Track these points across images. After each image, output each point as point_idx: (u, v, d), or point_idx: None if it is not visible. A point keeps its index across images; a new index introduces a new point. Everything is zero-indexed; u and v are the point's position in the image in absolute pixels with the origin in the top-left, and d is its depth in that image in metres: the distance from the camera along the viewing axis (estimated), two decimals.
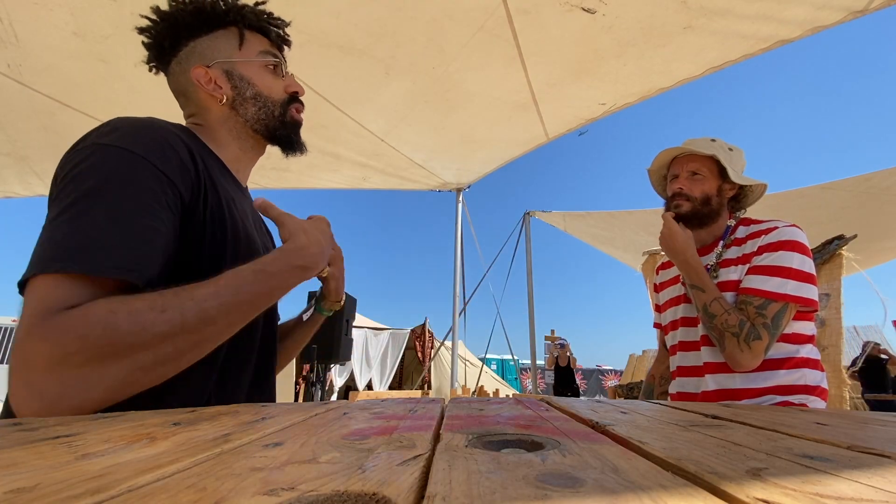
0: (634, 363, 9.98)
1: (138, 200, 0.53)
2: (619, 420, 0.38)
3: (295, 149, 0.81)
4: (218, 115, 0.75)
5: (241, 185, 0.79)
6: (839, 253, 2.81)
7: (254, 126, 0.76)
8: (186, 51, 0.73)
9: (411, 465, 0.21)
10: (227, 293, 0.54)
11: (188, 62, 0.73)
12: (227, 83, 0.74)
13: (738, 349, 1.02)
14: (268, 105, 0.76)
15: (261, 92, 0.76)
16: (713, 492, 0.18)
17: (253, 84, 0.75)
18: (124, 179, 0.53)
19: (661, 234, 1.19)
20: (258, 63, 0.76)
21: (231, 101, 0.74)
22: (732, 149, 1.20)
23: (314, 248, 0.65)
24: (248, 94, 0.75)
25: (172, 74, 0.75)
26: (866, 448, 0.27)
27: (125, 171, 0.54)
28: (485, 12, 2.08)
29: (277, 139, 0.79)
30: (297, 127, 0.80)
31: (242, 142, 0.77)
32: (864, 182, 3.64)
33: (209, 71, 0.73)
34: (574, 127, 3.16)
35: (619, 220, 4.92)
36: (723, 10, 2.01)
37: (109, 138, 0.56)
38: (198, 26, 0.73)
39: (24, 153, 3.05)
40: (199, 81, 0.72)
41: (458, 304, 4.66)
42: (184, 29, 0.73)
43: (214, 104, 0.74)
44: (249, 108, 0.75)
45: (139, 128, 0.59)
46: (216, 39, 0.74)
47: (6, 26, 2.00)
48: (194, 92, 0.74)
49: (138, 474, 0.20)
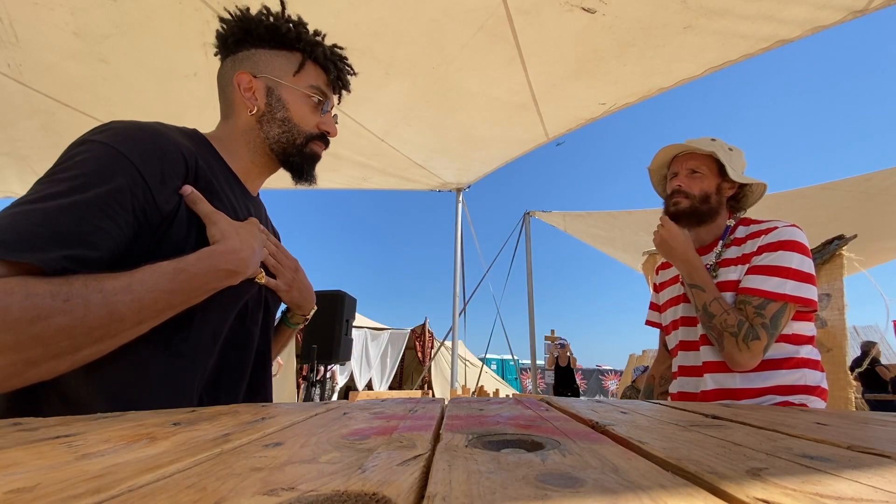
0: (634, 363, 9.97)
1: (99, 198, 0.51)
2: (619, 420, 0.38)
3: (304, 178, 0.81)
4: (242, 124, 0.75)
5: (250, 194, 0.79)
6: (839, 253, 2.81)
7: (272, 146, 0.77)
8: (245, 54, 0.75)
9: (411, 465, 0.21)
10: (141, 289, 0.51)
11: (240, 64, 0.74)
12: (264, 98, 0.74)
13: (737, 349, 1.02)
14: (293, 132, 0.76)
15: (291, 118, 0.76)
16: (713, 492, 0.18)
17: (287, 108, 0.76)
18: (95, 175, 0.52)
19: (658, 234, 1.18)
20: (302, 93, 0.76)
21: (260, 115, 0.75)
22: (732, 149, 1.20)
23: (245, 251, 0.62)
24: (279, 116, 0.75)
25: (223, 67, 0.77)
26: (866, 448, 0.27)
27: (100, 167, 0.53)
28: (485, 12, 2.08)
29: (289, 165, 0.79)
30: (313, 160, 0.81)
31: (256, 156, 0.77)
32: (864, 182, 3.64)
33: (253, 81, 0.74)
34: (574, 127, 3.16)
35: (619, 220, 4.92)
36: (723, 10, 2.01)
37: (101, 136, 0.56)
38: (266, 39, 0.75)
39: (24, 153, 3.04)
40: (239, 86, 0.73)
41: (458, 304, 4.66)
42: (253, 35, 0.74)
43: (243, 111, 0.75)
44: (274, 129, 0.76)
45: (135, 129, 0.59)
46: (276, 57, 0.75)
47: (6, 26, 2.00)
48: (231, 92, 0.75)
49: (138, 474, 0.20)
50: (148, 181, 0.56)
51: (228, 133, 0.76)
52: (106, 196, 0.52)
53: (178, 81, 2.41)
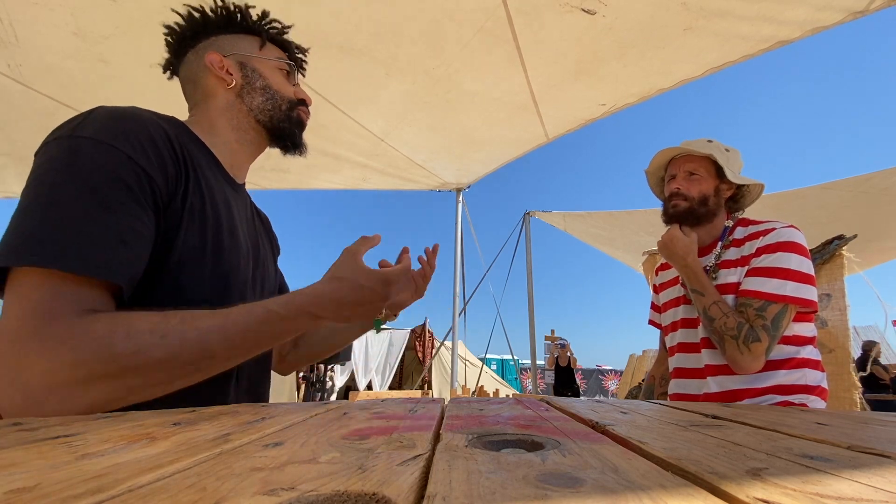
0: (634, 363, 9.97)
1: (120, 199, 0.52)
2: (619, 420, 0.38)
3: (296, 147, 0.81)
4: (223, 102, 0.75)
5: (236, 183, 0.77)
6: (839, 253, 2.81)
7: (258, 116, 0.76)
8: (206, 43, 0.76)
9: (411, 465, 0.21)
10: (234, 330, 0.53)
11: (205, 50, 0.75)
12: (239, 72, 0.75)
13: (738, 351, 1.02)
14: (276, 98, 0.77)
15: (270, 85, 0.77)
16: (713, 492, 0.18)
17: (264, 77, 0.77)
18: (105, 176, 0.52)
19: (662, 239, 1.19)
20: (273, 63, 0.78)
21: (239, 88, 0.75)
22: (729, 150, 1.20)
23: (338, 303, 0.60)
24: (258, 85, 0.76)
25: (186, 63, 0.77)
26: (866, 448, 0.27)
27: (106, 166, 0.52)
28: (485, 13, 2.08)
29: (279, 133, 0.79)
30: (300, 126, 0.81)
31: (242, 133, 0.76)
32: (864, 182, 3.64)
33: (224, 59, 0.74)
34: (574, 127, 3.16)
35: (619, 220, 4.92)
36: (723, 11, 2.01)
37: (89, 130, 0.54)
38: (224, 26, 0.76)
39: (24, 153, 3.04)
40: (212, 65, 0.73)
41: (458, 304, 4.66)
42: (211, 25, 0.76)
43: (221, 89, 0.75)
44: (256, 98, 0.76)
45: (118, 118, 0.57)
46: (238, 38, 0.77)
47: (6, 26, 2.00)
48: (204, 77, 0.75)
49: (138, 474, 0.20)
50: (150, 172, 0.56)
51: (207, 117, 0.74)
52: (130, 202, 0.53)
53: (178, 81, 2.41)
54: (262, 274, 0.79)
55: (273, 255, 0.88)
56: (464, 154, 3.71)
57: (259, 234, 0.81)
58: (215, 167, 0.71)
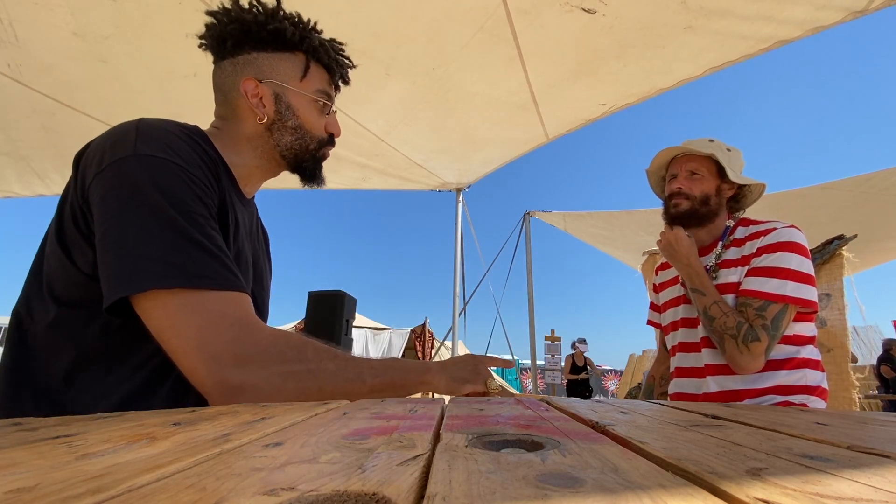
0: (634, 363, 9.97)
1: (204, 217, 0.57)
2: (619, 420, 0.38)
3: (315, 181, 0.82)
4: (250, 131, 0.73)
5: (245, 198, 0.77)
6: (839, 253, 2.81)
7: (283, 153, 0.75)
8: (245, 59, 0.72)
9: (411, 465, 0.21)
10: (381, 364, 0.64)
11: (243, 69, 0.72)
12: (273, 105, 0.73)
13: (738, 351, 1.02)
14: (306, 139, 0.76)
15: (303, 126, 0.75)
16: (713, 492, 0.18)
17: (298, 116, 0.74)
18: (187, 195, 0.56)
19: (663, 239, 1.19)
20: (311, 98, 0.75)
21: (270, 123, 0.73)
22: (731, 149, 1.20)
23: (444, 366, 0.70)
24: (290, 125, 0.74)
25: (222, 69, 0.73)
26: (866, 448, 0.27)
27: (183, 185, 0.56)
28: (485, 13, 2.07)
29: (302, 170, 0.79)
30: (322, 163, 0.81)
31: (262, 161, 0.76)
32: (864, 182, 3.64)
33: (260, 86, 0.71)
34: (574, 127, 3.16)
35: (619, 220, 4.92)
36: (723, 11, 2.01)
37: (153, 150, 0.56)
38: (268, 41, 0.72)
39: (24, 153, 3.04)
40: (247, 93, 0.71)
41: (458, 304, 4.66)
42: (253, 38, 0.71)
43: (250, 119, 0.73)
44: (286, 137, 0.74)
45: (171, 136, 0.59)
46: (280, 60, 0.73)
47: (6, 26, 2.00)
48: (235, 97, 0.72)
49: (138, 474, 0.20)
50: (209, 188, 0.61)
51: (231, 135, 0.73)
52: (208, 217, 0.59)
53: (178, 81, 2.41)
54: (259, 289, 0.80)
55: (269, 271, 0.89)
56: (464, 154, 3.71)
57: (260, 249, 0.82)
58: (229, 182, 0.71)
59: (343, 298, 3.45)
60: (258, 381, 0.53)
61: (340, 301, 3.43)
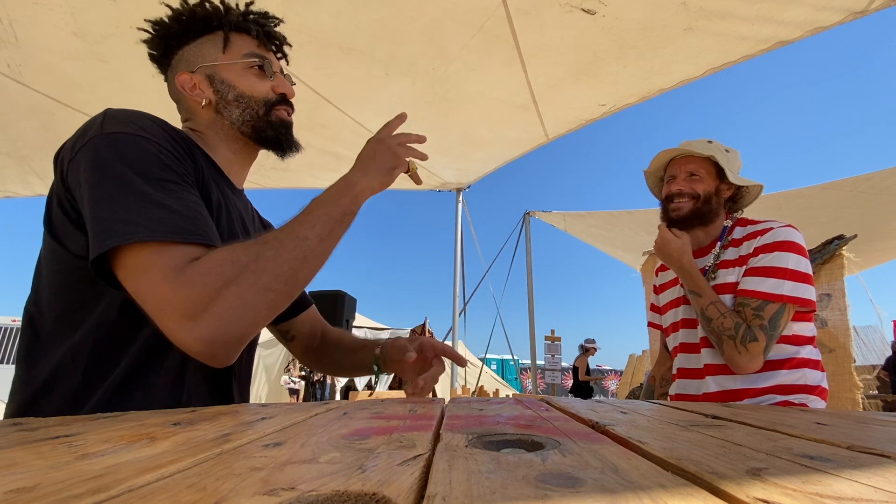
0: (634, 363, 9.97)
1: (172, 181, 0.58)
2: (619, 420, 0.38)
3: (286, 149, 0.79)
4: (205, 120, 0.75)
5: (236, 188, 0.79)
6: (839, 253, 2.80)
7: (240, 128, 0.76)
8: (176, 59, 0.75)
9: (411, 465, 0.21)
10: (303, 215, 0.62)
11: (176, 69, 0.75)
12: (210, 87, 0.74)
13: (736, 351, 1.02)
14: (251, 106, 0.75)
15: (243, 93, 0.74)
16: (713, 492, 0.18)
17: (234, 86, 0.74)
18: (151, 162, 0.57)
19: (655, 242, 1.20)
20: (241, 64, 0.75)
21: (214, 105, 0.74)
22: (729, 150, 1.20)
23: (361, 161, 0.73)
24: (231, 97, 0.74)
25: (169, 83, 0.77)
26: (866, 448, 0.27)
27: (147, 154, 0.57)
28: (485, 13, 2.08)
29: (265, 140, 0.78)
30: (285, 127, 0.78)
31: (231, 143, 0.77)
32: (864, 182, 3.64)
33: (192, 76, 0.73)
34: (574, 127, 3.16)
35: (619, 220, 4.92)
36: (722, 12, 2.01)
37: (119, 128, 0.58)
38: (184, 34, 0.74)
39: (24, 153, 3.04)
40: (184, 88, 0.73)
41: (458, 304, 4.66)
42: (173, 38, 0.75)
43: (199, 109, 0.75)
44: (233, 111, 0.74)
45: (137, 117, 0.62)
46: (202, 45, 0.74)
47: (6, 26, 2.00)
48: (183, 98, 0.75)
49: (138, 474, 0.20)
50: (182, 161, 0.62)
51: (197, 133, 0.76)
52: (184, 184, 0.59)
53: None
54: None
55: None
56: (464, 154, 3.72)
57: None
58: (216, 171, 0.73)
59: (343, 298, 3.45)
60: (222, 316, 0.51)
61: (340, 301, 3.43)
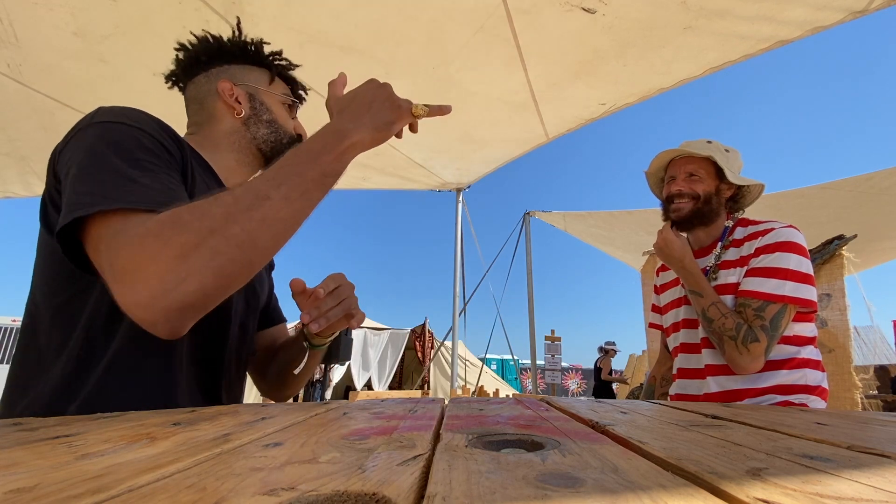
0: (634, 363, 9.97)
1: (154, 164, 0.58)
2: (619, 420, 0.38)
3: None
4: (227, 127, 0.79)
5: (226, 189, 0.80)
6: (839, 253, 2.80)
7: (260, 145, 0.81)
8: (220, 69, 0.80)
9: (411, 465, 0.21)
10: (274, 169, 0.57)
11: (218, 76, 0.80)
12: (248, 102, 0.80)
13: (737, 352, 1.02)
14: (278, 132, 0.82)
15: (276, 119, 0.82)
16: (713, 492, 0.18)
17: (271, 111, 0.82)
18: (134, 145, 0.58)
19: (656, 243, 1.20)
20: (279, 98, 0.84)
21: (246, 118, 0.80)
22: (729, 150, 1.20)
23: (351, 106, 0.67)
24: (265, 118, 0.81)
25: (196, 84, 0.80)
26: (866, 448, 0.27)
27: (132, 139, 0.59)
28: (485, 12, 2.07)
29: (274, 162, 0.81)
30: None
31: (242, 155, 0.81)
32: (864, 182, 3.63)
33: (235, 87, 0.79)
34: (574, 127, 3.16)
35: (619, 220, 4.92)
36: (723, 11, 2.01)
37: (109, 118, 0.60)
38: (240, 56, 0.82)
39: (24, 153, 3.04)
40: (223, 93, 0.78)
41: (458, 304, 4.66)
42: (226, 54, 0.81)
43: (229, 116, 0.79)
44: (262, 130, 0.81)
45: (127, 110, 0.64)
46: (250, 70, 0.82)
47: (6, 26, 2.00)
48: (212, 101, 0.79)
49: (138, 474, 0.20)
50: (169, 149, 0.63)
51: (209, 137, 0.79)
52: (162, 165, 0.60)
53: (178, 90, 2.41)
54: (259, 282, 0.82)
55: (267, 266, 0.92)
56: (464, 154, 3.71)
57: None
58: (211, 177, 0.75)
59: None
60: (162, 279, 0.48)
61: None
